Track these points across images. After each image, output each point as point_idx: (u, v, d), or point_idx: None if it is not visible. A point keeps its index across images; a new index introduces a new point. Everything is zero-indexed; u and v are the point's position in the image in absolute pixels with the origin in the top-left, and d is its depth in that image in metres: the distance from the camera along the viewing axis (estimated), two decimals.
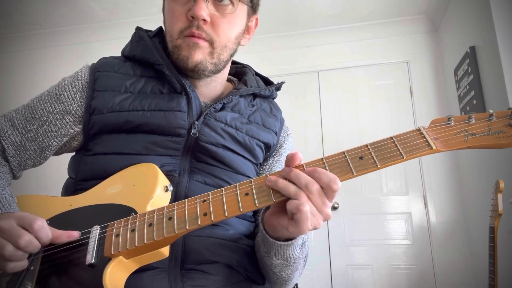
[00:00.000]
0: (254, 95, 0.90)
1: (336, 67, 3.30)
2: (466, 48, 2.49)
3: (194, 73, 0.78)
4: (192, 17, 0.73)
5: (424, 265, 2.81)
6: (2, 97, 3.36)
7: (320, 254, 2.96)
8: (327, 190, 0.57)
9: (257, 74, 0.95)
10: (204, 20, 0.73)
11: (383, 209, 2.96)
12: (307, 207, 0.56)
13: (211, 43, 0.76)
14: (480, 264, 2.52)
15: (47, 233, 0.63)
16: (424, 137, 0.58)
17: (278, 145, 0.91)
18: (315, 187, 0.57)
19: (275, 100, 0.97)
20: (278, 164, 0.89)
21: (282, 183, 0.58)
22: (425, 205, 2.91)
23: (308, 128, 3.24)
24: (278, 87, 0.94)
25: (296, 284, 1.88)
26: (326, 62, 3.33)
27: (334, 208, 3.04)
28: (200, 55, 0.75)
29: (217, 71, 0.81)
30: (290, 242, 0.66)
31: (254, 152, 0.83)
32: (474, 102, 2.39)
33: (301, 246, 0.69)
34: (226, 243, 0.75)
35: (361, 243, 2.96)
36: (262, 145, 0.85)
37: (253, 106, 0.88)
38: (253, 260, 0.79)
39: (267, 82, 0.95)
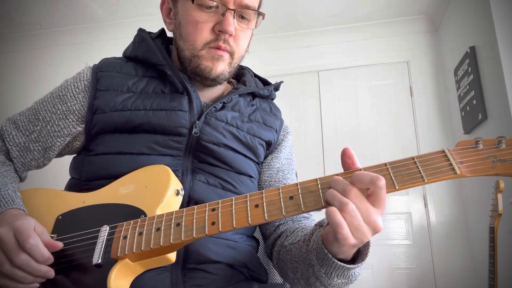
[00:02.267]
0: (253, 95, 0.91)
1: (336, 67, 3.30)
2: (466, 48, 2.49)
3: (213, 82, 0.81)
4: (220, 31, 0.75)
5: (424, 265, 2.81)
6: (2, 97, 3.36)
7: None
8: (373, 191, 0.52)
9: (256, 76, 0.96)
10: (230, 34, 0.75)
11: None
12: (340, 218, 0.51)
13: (232, 54, 0.79)
14: (480, 264, 2.52)
15: (42, 252, 0.60)
16: (448, 160, 0.54)
17: (277, 143, 0.92)
18: (353, 191, 0.52)
19: (274, 101, 0.98)
20: (277, 160, 0.89)
21: (329, 193, 0.54)
22: (425, 205, 2.91)
23: (308, 128, 3.24)
24: (277, 87, 0.95)
25: None
26: (326, 62, 3.33)
27: None
28: (222, 66, 0.78)
29: (230, 77, 0.84)
30: (358, 264, 0.61)
31: (256, 151, 0.84)
32: (474, 102, 2.39)
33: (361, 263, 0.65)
34: (228, 243, 0.75)
35: None
36: (264, 143, 0.86)
37: (252, 105, 0.89)
38: (255, 259, 0.80)
39: (265, 83, 0.96)
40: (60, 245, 0.64)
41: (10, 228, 0.61)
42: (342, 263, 0.60)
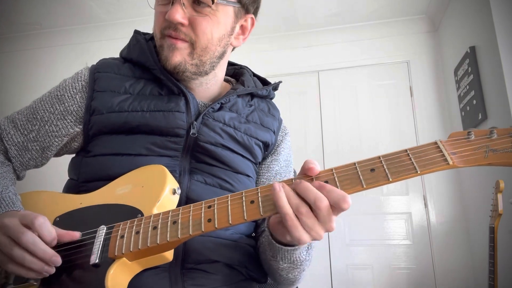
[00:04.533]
0: (252, 95, 0.90)
1: (336, 67, 3.31)
2: (466, 48, 2.49)
3: (175, 75, 0.78)
4: (168, 20, 0.74)
5: (424, 265, 2.81)
6: (2, 96, 3.36)
7: (320, 254, 2.96)
8: (335, 208, 0.55)
9: (255, 75, 0.96)
10: (181, 24, 0.73)
11: (383, 209, 2.97)
12: (300, 232, 0.55)
13: (192, 43, 0.75)
14: (480, 264, 2.52)
15: (49, 230, 0.61)
16: (441, 151, 0.55)
17: (276, 144, 0.91)
18: (324, 203, 0.54)
19: (273, 100, 0.97)
20: (276, 163, 0.89)
21: (287, 193, 0.56)
22: (425, 205, 2.91)
23: (308, 128, 3.24)
24: (276, 86, 0.94)
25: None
26: (326, 62, 3.33)
27: None
28: (178, 57, 0.75)
29: (201, 72, 0.80)
30: (296, 246, 0.65)
31: (253, 151, 0.83)
32: (474, 102, 2.39)
33: (307, 248, 0.69)
34: (227, 243, 0.75)
35: (361, 243, 2.96)
36: (260, 144, 0.86)
37: (251, 106, 0.88)
38: (254, 259, 0.80)
39: (264, 82, 0.95)
40: (78, 234, 0.65)
41: (14, 216, 0.62)
42: (279, 245, 0.64)
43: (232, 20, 0.79)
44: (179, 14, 0.72)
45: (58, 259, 0.61)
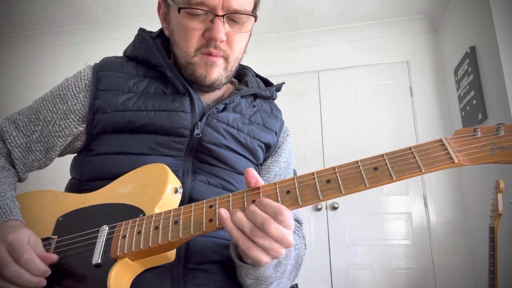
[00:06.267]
0: (255, 96, 0.90)
1: (336, 67, 3.31)
2: (466, 48, 2.49)
3: (210, 89, 0.80)
4: (210, 38, 0.74)
5: (424, 265, 2.81)
6: (2, 97, 3.36)
7: (320, 254, 2.97)
8: (277, 221, 0.54)
9: (257, 76, 0.96)
10: (221, 40, 0.74)
11: (383, 209, 2.97)
12: (257, 253, 0.55)
13: (226, 58, 0.77)
14: (480, 264, 2.52)
15: (37, 266, 0.60)
16: (446, 149, 0.53)
17: (277, 145, 0.91)
18: (272, 226, 0.54)
19: (275, 101, 0.97)
20: (276, 164, 0.89)
21: (239, 219, 0.56)
22: (425, 205, 2.91)
23: (308, 128, 3.24)
24: (278, 87, 0.95)
25: (296, 284, 1.88)
26: (326, 62, 3.33)
27: (334, 208, 3.04)
28: (217, 72, 0.77)
29: (228, 81, 0.83)
30: (249, 266, 0.63)
31: (255, 153, 0.84)
32: (474, 102, 2.39)
33: (276, 265, 0.66)
34: (229, 243, 0.75)
35: (361, 243, 2.96)
36: (263, 145, 0.86)
37: (254, 106, 0.88)
38: None
39: (267, 83, 0.96)
40: (54, 257, 0.64)
41: (3, 242, 0.61)
42: (240, 262, 0.64)
43: (251, 27, 0.81)
44: (222, 33, 0.73)
45: (43, 283, 0.61)
